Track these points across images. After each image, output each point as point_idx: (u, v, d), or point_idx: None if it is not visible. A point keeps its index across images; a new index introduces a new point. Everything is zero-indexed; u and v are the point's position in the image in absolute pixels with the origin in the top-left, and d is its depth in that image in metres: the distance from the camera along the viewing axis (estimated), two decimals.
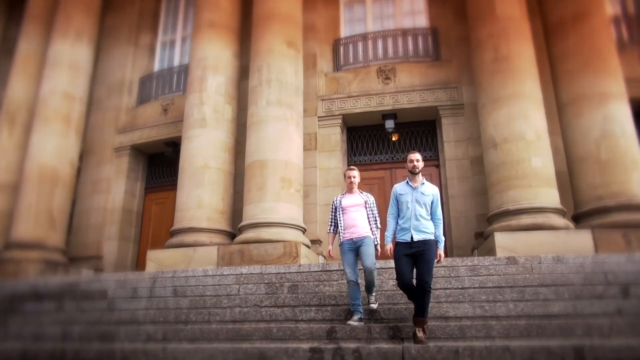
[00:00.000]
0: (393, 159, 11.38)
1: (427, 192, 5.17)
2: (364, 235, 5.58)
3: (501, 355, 4.33)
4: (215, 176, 9.72)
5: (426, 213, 5.11)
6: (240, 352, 4.80)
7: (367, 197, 5.87)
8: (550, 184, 8.40)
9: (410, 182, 5.24)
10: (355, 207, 5.72)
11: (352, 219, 5.66)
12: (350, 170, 5.92)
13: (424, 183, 5.26)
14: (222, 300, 6.45)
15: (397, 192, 5.34)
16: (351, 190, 5.88)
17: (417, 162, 5.17)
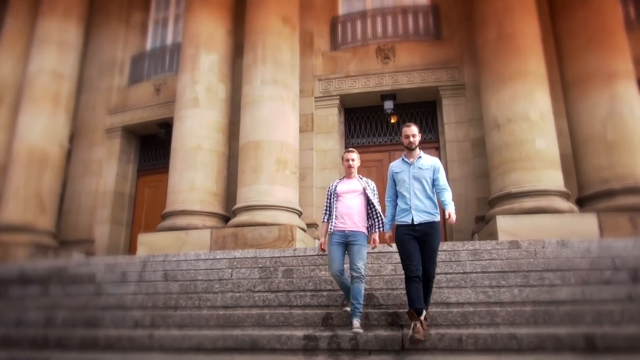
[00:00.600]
0: (392, 141, 11.06)
1: (425, 165, 4.63)
2: (357, 230, 4.90)
3: (507, 343, 4.09)
4: (208, 157, 9.41)
5: (428, 191, 4.58)
6: (231, 340, 4.55)
7: (366, 182, 5.17)
8: (554, 166, 8.12)
9: (406, 158, 4.73)
10: (352, 194, 5.02)
11: (347, 207, 4.96)
12: (348, 153, 5.21)
13: (421, 157, 4.70)
14: (214, 285, 6.19)
15: (393, 171, 4.82)
16: (349, 175, 5.18)
17: (413, 138, 4.62)
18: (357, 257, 4.78)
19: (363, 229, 4.95)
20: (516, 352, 4.04)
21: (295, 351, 4.36)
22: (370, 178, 10.92)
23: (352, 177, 5.17)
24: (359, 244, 4.86)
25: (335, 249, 4.92)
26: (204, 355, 4.45)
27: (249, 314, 5.10)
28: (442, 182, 4.63)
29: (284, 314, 4.99)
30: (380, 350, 4.23)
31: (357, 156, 5.22)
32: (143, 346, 4.73)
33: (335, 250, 4.92)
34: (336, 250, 4.91)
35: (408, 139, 4.66)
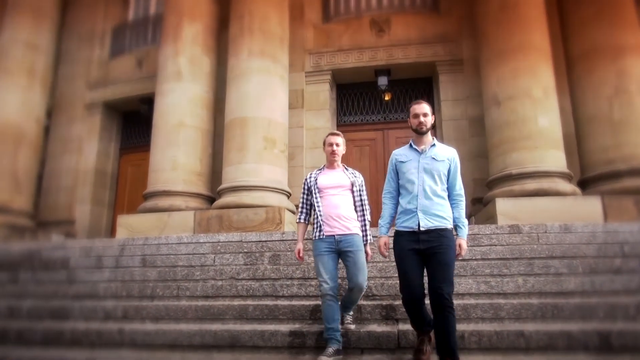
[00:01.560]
0: (386, 119, 10.58)
1: (440, 156, 3.58)
2: (351, 233, 3.92)
3: (514, 342, 3.70)
4: (191, 135, 8.87)
5: (441, 188, 3.55)
6: (209, 335, 4.12)
7: (354, 175, 4.17)
8: (557, 145, 7.69)
9: (415, 144, 3.67)
10: (338, 190, 4.04)
11: (332, 205, 3.98)
12: (332, 136, 4.19)
13: (435, 144, 3.65)
14: (195, 272, 5.75)
15: (397, 160, 3.73)
16: (332, 164, 4.17)
17: (424, 118, 3.58)
18: (357, 269, 3.83)
19: (357, 230, 4.02)
20: (524, 351, 3.66)
21: (280, 349, 3.95)
22: (362, 158, 10.39)
23: (336, 167, 4.19)
24: (355, 250, 3.88)
25: (325, 260, 3.86)
26: (179, 353, 4.03)
27: (231, 305, 4.67)
28: (457, 185, 3.62)
29: (269, 306, 4.56)
30: (374, 349, 3.84)
31: (342, 141, 4.21)
32: (112, 342, 4.30)
33: (326, 261, 3.86)
34: (328, 261, 3.87)
35: (418, 118, 3.60)
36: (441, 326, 3.24)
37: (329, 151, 4.16)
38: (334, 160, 4.17)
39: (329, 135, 4.27)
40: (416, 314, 3.54)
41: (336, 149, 4.14)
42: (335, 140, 4.17)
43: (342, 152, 4.20)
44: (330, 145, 4.16)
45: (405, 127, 10.51)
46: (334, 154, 4.15)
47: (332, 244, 3.90)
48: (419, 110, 3.64)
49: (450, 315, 3.21)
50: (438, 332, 3.26)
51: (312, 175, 4.23)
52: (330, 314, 3.75)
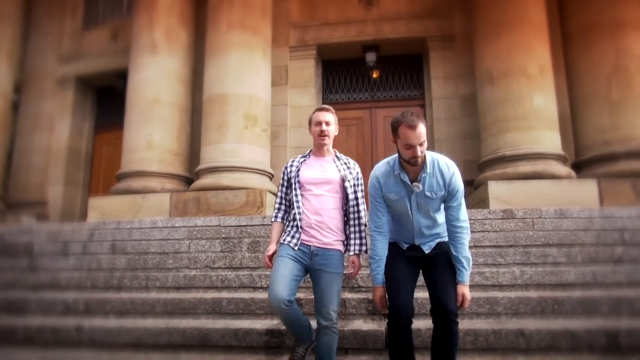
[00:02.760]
0: (373, 97, 10.13)
1: (435, 189, 2.80)
2: (330, 248, 3.02)
3: (513, 342, 3.37)
4: (168, 112, 8.34)
5: (440, 220, 2.93)
6: (177, 334, 3.72)
7: (347, 166, 3.19)
8: (552, 126, 7.33)
9: (405, 172, 2.82)
10: (324, 187, 3.08)
11: (315, 209, 3.05)
12: (320, 112, 3.21)
13: (427, 172, 2.77)
14: (167, 260, 5.33)
15: (384, 191, 2.91)
16: (321, 150, 3.21)
17: (420, 148, 2.66)
18: (329, 294, 2.93)
19: (339, 245, 3.07)
20: (524, 352, 3.33)
21: (255, 349, 3.57)
22: (349, 138, 9.90)
23: (325, 153, 3.22)
24: (331, 272, 2.97)
25: (286, 265, 2.97)
26: (142, 353, 3.63)
27: (204, 298, 4.26)
28: (461, 216, 2.84)
29: (245, 300, 4.16)
30: (360, 349, 3.48)
31: (334, 118, 3.21)
32: (69, 341, 3.88)
33: (284, 266, 2.96)
34: (286, 266, 2.96)
35: (413, 150, 2.65)
36: (444, 340, 2.72)
37: (317, 132, 3.16)
38: (323, 143, 3.16)
39: (317, 112, 3.24)
40: (405, 344, 2.77)
41: (326, 129, 3.13)
42: (325, 117, 3.16)
43: (333, 133, 3.20)
44: (319, 124, 3.15)
45: (394, 106, 10.14)
46: (322, 136, 3.14)
47: (304, 255, 3.00)
48: (415, 140, 2.62)
49: (455, 327, 2.71)
50: (438, 347, 2.78)
51: (294, 163, 3.24)
52: (293, 321, 3.04)
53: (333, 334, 2.94)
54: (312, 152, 3.28)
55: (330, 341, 2.94)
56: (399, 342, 2.76)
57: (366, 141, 9.90)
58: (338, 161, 3.20)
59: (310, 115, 3.32)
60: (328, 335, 2.93)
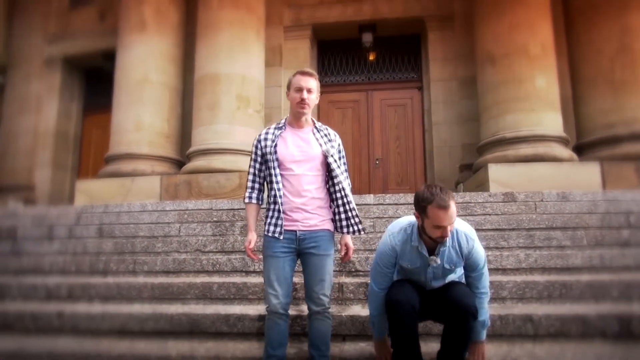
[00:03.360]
0: (370, 80, 9.87)
1: (455, 259, 2.69)
2: (318, 229, 2.76)
3: (520, 327, 3.18)
4: (157, 92, 8.06)
5: (453, 278, 2.83)
6: (164, 320, 3.51)
7: (327, 138, 2.88)
8: (554, 107, 7.12)
9: (423, 245, 2.69)
10: (305, 164, 2.78)
11: (297, 190, 2.75)
12: (302, 77, 2.83)
13: (446, 246, 2.67)
14: (156, 244, 5.10)
15: (399, 261, 2.77)
16: (299, 120, 2.88)
17: (449, 226, 2.52)
18: (318, 277, 2.73)
19: (326, 224, 2.81)
20: (532, 339, 3.14)
21: (248, 336, 3.37)
22: (345, 121, 9.63)
23: (304, 124, 2.88)
24: (321, 254, 2.74)
25: (283, 265, 2.73)
26: (127, 340, 3.42)
27: (193, 283, 4.05)
28: (481, 283, 2.71)
29: (237, 284, 3.95)
30: (357, 336, 3.28)
31: (316, 85, 2.86)
32: (50, 327, 3.66)
33: (282, 266, 2.72)
34: (284, 266, 2.73)
35: (443, 230, 2.52)
36: (461, 335, 2.57)
37: (296, 99, 2.80)
38: (302, 113, 2.82)
39: (298, 75, 2.85)
40: (411, 336, 2.62)
41: (307, 97, 2.78)
42: (307, 83, 2.79)
43: (314, 102, 2.86)
44: (299, 90, 2.79)
45: (391, 88, 9.90)
46: (302, 104, 2.78)
47: (291, 242, 2.72)
48: (447, 221, 2.47)
49: (464, 324, 2.55)
50: (452, 340, 2.61)
51: (268, 135, 2.86)
52: (276, 336, 2.71)
53: (325, 319, 2.75)
54: (287, 121, 2.92)
55: (323, 327, 2.75)
56: (402, 330, 2.60)
57: (362, 124, 9.67)
58: (318, 133, 2.86)
59: (289, 78, 2.92)
60: (320, 321, 2.74)
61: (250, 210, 2.90)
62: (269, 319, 2.72)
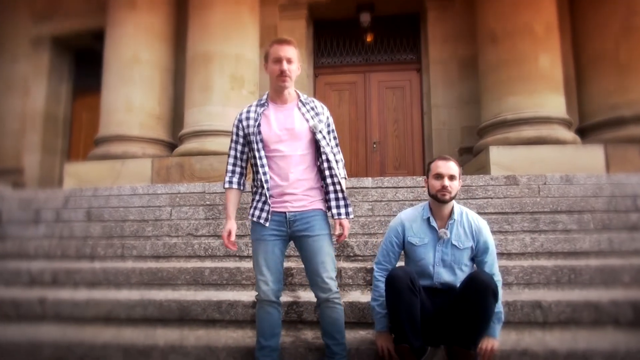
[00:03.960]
0: (367, 61, 9.62)
1: (463, 239, 2.63)
2: (311, 208, 2.54)
3: (529, 314, 3.01)
4: (148, 72, 7.79)
5: (461, 277, 2.61)
6: (152, 306, 3.32)
7: (314, 111, 2.60)
8: (557, 88, 6.91)
9: (433, 216, 2.68)
10: (291, 144, 2.53)
11: (285, 172, 2.51)
12: (280, 46, 2.51)
13: (454, 218, 2.65)
14: (146, 228, 4.91)
15: (407, 237, 2.70)
16: (281, 94, 2.58)
17: (450, 181, 2.57)
18: (319, 260, 2.50)
19: (318, 203, 2.58)
20: (541, 326, 2.98)
21: (241, 323, 3.18)
22: (341, 104, 9.37)
23: (287, 99, 2.60)
24: (316, 235, 2.51)
25: (272, 248, 2.52)
26: (113, 328, 3.23)
27: (184, 268, 3.85)
28: (495, 271, 2.64)
29: (230, 269, 3.76)
30: (357, 324, 3.10)
31: (296, 54, 2.55)
32: (31, 314, 3.47)
33: (270, 250, 2.52)
34: (273, 250, 2.52)
35: (441, 180, 2.58)
36: (477, 314, 2.36)
37: (275, 72, 2.49)
38: (284, 86, 2.52)
39: (275, 45, 2.53)
40: (410, 311, 2.44)
41: (287, 68, 2.47)
42: (286, 52, 2.47)
43: (296, 73, 2.55)
44: (278, 60, 2.47)
45: (389, 70, 9.65)
46: (283, 77, 2.48)
47: (281, 224, 2.51)
48: (444, 169, 2.58)
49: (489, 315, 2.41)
50: (466, 322, 2.40)
51: (250, 114, 2.58)
52: (268, 325, 2.53)
53: (335, 305, 2.53)
54: (269, 97, 2.63)
55: (335, 314, 2.54)
56: (400, 305, 2.45)
57: (359, 107, 9.43)
58: (303, 107, 2.59)
59: (266, 49, 2.59)
60: (330, 309, 2.53)
61: (230, 196, 2.69)
62: (260, 307, 2.54)
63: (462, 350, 2.39)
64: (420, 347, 2.48)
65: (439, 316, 2.52)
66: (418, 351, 2.47)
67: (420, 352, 2.49)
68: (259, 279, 2.52)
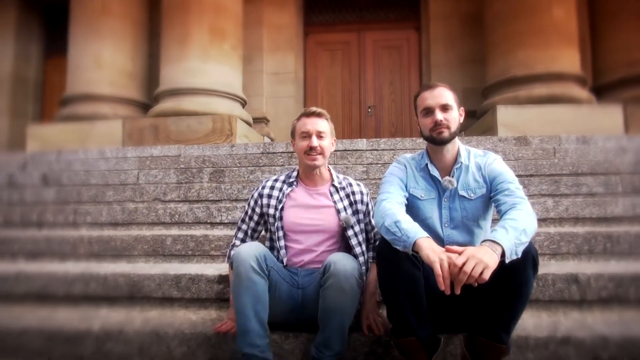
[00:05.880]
0: (362, 19, 8.87)
1: (473, 184, 2.03)
2: (323, 261, 1.99)
3: (563, 291, 2.41)
4: (120, 25, 7.00)
5: (478, 237, 2.06)
6: (96, 282, 2.67)
7: (352, 199, 2.22)
8: (572, 42, 6.24)
9: (433, 163, 2.09)
10: (318, 236, 2.15)
11: (307, 248, 2.15)
12: (309, 119, 2.19)
13: (461, 163, 2.05)
14: (107, 192, 4.26)
15: (410, 188, 2.07)
16: (311, 175, 2.23)
17: (443, 113, 1.97)
18: (333, 303, 1.85)
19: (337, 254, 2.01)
20: (578, 305, 2.38)
21: (204, 302, 2.56)
22: (333, 65, 8.68)
23: (318, 181, 2.24)
24: (333, 277, 1.84)
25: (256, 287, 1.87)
26: (47, 308, 2.60)
27: (143, 236, 3.21)
28: (514, 190, 1.92)
29: (197, 238, 3.13)
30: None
31: (329, 128, 2.21)
32: None
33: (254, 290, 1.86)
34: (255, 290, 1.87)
35: (432, 117, 1.98)
36: (516, 288, 1.70)
37: (303, 148, 2.14)
38: (314, 165, 2.15)
39: (303, 118, 2.19)
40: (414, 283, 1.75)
41: (318, 145, 2.12)
42: (316, 125, 2.15)
43: (329, 149, 2.19)
44: (307, 136, 2.15)
45: (385, 28, 8.89)
46: (312, 156, 2.13)
47: (292, 278, 2.09)
48: (432, 100, 1.98)
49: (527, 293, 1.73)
50: (499, 300, 1.72)
51: (274, 192, 2.20)
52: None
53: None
54: (298, 175, 2.28)
55: None
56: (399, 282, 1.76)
57: (353, 68, 8.73)
58: (337, 193, 2.21)
59: (293, 123, 2.27)
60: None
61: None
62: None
63: (489, 342, 1.76)
64: (431, 338, 1.82)
65: (454, 294, 1.66)
66: (428, 343, 1.79)
67: (431, 345, 1.82)
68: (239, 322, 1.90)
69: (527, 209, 1.79)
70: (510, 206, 1.83)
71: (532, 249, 1.70)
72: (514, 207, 1.80)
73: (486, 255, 1.53)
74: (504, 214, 1.81)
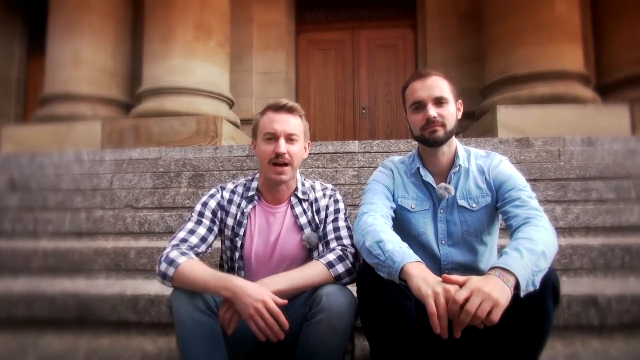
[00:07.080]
0: (356, 17, 8.55)
1: (475, 192, 1.68)
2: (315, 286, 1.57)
3: (580, 315, 2.07)
4: (100, 21, 6.65)
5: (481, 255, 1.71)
6: (41, 303, 2.32)
7: (315, 214, 1.77)
8: (575, 39, 5.94)
9: (426, 168, 1.74)
10: (279, 264, 1.72)
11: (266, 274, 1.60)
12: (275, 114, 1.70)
13: (459, 166, 1.71)
14: (76, 198, 3.91)
15: (398, 198, 1.72)
16: (274, 191, 1.77)
17: (437, 107, 1.63)
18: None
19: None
20: (597, 333, 2.05)
21: (165, 327, 2.21)
22: (326, 64, 8.36)
23: (282, 196, 1.79)
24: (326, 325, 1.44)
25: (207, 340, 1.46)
26: None
27: (104, 248, 2.87)
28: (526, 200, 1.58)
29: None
30: None
31: (301, 128, 1.73)
32: None
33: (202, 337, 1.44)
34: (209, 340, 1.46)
35: (424, 113, 1.64)
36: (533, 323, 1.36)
37: (267, 154, 1.68)
38: (279, 180, 1.71)
39: (269, 112, 1.71)
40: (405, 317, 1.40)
41: (285, 152, 1.66)
42: (285, 125, 1.68)
43: (299, 157, 1.73)
44: (272, 137, 1.68)
45: (380, 26, 8.57)
46: (279, 168, 1.68)
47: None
48: (425, 92, 1.64)
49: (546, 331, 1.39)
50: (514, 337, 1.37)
51: (231, 206, 1.76)
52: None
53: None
54: (259, 188, 1.79)
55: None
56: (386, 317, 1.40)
57: (347, 68, 8.41)
58: (299, 206, 1.77)
59: (256, 118, 1.77)
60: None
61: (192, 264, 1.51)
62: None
63: None
64: None
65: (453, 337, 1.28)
66: None
67: None
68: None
69: (545, 225, 1.44)
70: (524, 221, 1.47)
71: (552, 275, 1.35)
72: (528, 223, 1.45)
73: (496, 289, 1.19)
74: (516, 230, 1.46)
